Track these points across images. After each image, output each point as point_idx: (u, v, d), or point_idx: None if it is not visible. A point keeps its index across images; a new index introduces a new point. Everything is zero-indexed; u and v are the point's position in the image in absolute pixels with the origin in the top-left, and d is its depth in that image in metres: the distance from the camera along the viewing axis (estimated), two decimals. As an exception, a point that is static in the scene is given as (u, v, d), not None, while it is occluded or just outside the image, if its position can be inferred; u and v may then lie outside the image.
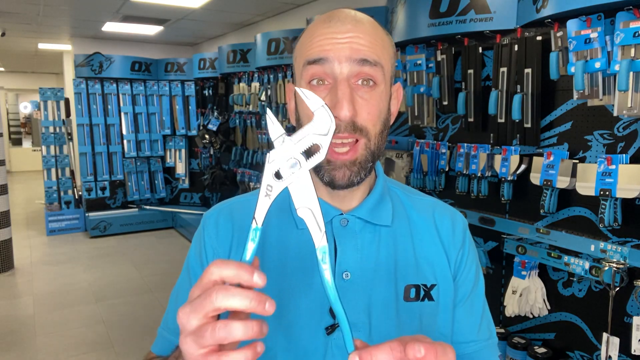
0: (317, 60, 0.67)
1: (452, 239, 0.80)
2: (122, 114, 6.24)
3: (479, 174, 2.20)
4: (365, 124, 0.67)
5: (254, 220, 0.48)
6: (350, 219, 0.75)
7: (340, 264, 0.72)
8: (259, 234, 0.49)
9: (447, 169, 2.42)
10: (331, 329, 0.70)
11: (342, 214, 0.75)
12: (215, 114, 5.65)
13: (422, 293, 0.74)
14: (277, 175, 0.47)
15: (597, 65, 1.65)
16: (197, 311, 0.44)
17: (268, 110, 0.49)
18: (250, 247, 0.49)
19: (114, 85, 6.20)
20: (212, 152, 5.73)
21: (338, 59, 0.66)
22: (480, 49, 2.20)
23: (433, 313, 0.75)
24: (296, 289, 0.72)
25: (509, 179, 2.05)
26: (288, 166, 0.47)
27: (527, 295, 2.00)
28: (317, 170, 0.70)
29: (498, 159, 2.10)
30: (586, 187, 1.72)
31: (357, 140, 0.68)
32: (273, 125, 0.48)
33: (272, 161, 0.47)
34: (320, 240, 0.48)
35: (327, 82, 0.68)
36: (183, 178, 6.63)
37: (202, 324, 0.45)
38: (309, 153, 0.48)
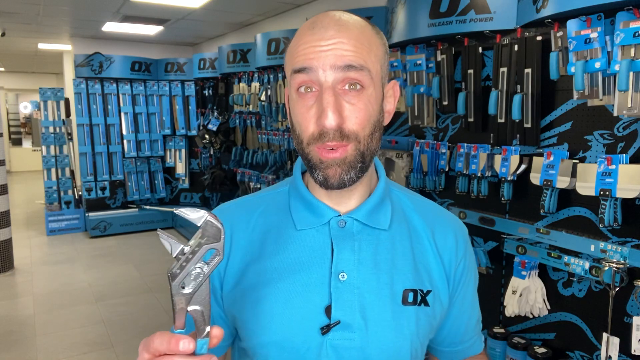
0: (302, 70, 0.68)
1: (456, 254, 0.80)
2: (122, 114, 6.24)
3: (479, 174, 2.20)
4: (353, 129, 0.68)
5: (175, 326, 0.52)
6: (348, 220, 0.75)
7: (337, 264, 0.73)
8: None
9: (447, 169, 2.41)
10: (326, 328, 0.71)
11: (339, 215, 0.75)
12: (215, 114, 5.64)
13: (419, 298, 0.75)
14: (183, 287, 0.52)
15: (597, 65, 1.64)
16: None
17: (160, 232, 0.53)
18: None
19: (114, 85, 6.19)
20: (212, 152, 5.73)
21: (322, 67, 0.66)
22: (480, 49, 2.20)
23: (427, 318, 0.76)
24: (292, 288, 0.72)
25: (509, 179, 2.05)
26: (192, 278, 0.52)
27: (527, 295, 2.00)
28: (312, 171, 0.71)
29: (498, 159, 2.10)
30: (586, 187, 1.72)
31: (346, 144, 0.69)
32: (169, 245, 0.52)
33: (176, 280, 0.51)
34: (203, 334, 0.53)
35: (315, 89, 0.68)
36: (183, 178, 6.63)
37: None
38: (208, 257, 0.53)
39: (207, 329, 0.53)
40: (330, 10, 0.72)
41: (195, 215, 0.52)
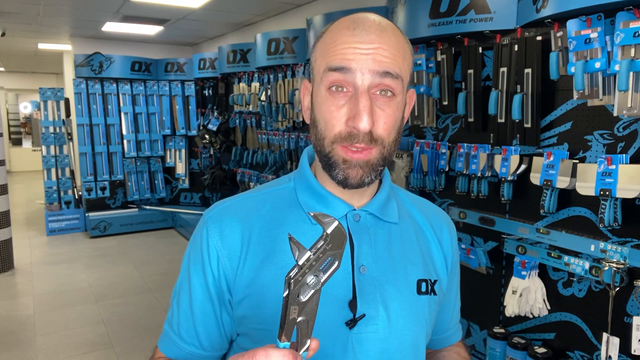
0: (339, 69, 0.68)
1: (451, 246, 0.86)
2: (122, 114, 6.24)
3: (479, 174, 2.20)
4: (381, 134, 0.69)
5: (283, 337, 0.50)
6: (362, 214, 0.77)
7: (358, 258, 0.74)
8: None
9: (447, 169, 2.41)
10: (353, 322, 0.71)
11: (354, 209, 0.77)
12: (215, 114, 5.65)
13: (429, 287, 0.79)
14: (298, 295, 0.50)
15: (597, 65, 1.65)
16: None
17: (291, 236, 0.51)
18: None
19: (114, 85, 6.19)
20: (212, 152, 5.73)
21: (361, 70, 0.67)
22: (480, 49, 2.20)
23: (435, 306, 0.81)
24: None
25: (509, 179, 2.05)
26: (310, 286, 0.50)
27: (527, 295, 2.00)
28: (330, 169, 0.72)
29: (498, 159, 2.10)
30: (586, 187, 1.72)
31: (372, 148, 0.70)
32: (297, 250, 0.50)
33: (296, 287, 0.50)
34: (304, 347, 0.51)
35: (347, 90, 0.69)
36: (183, 178, 6.63)
37: None
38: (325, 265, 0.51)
39: (308, 342, 0.51)
40: (367, 12, 0.73)
41: (326, 220, 0.51)
